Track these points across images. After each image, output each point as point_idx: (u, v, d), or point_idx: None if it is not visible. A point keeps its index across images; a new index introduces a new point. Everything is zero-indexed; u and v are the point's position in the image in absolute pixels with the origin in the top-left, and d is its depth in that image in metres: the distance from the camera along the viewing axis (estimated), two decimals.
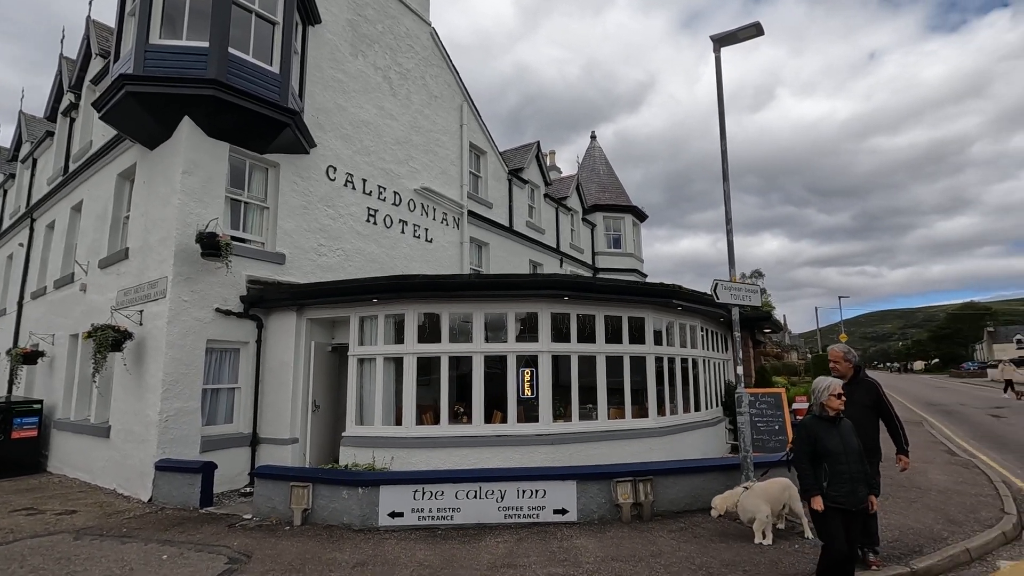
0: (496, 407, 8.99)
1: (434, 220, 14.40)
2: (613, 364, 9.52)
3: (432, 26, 15.27)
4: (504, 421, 8.70)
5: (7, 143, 21.65)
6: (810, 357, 44.12)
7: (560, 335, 9.09)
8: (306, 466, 8.88)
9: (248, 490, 8.60)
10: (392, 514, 6.48)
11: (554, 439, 8.56)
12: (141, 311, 9.05)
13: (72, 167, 12.71)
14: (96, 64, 12.17)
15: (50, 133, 14.78)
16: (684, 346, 10.93)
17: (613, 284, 9.05)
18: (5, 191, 19.29)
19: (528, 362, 8.87)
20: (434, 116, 14.89)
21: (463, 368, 8.92)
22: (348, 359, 9.07)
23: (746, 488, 5.94)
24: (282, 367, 9.43)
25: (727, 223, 7.75)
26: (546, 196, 20.66)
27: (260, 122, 9.54)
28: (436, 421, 8.67)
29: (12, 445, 10.67)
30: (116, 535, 6.55)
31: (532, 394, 8.74)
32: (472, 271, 15.54)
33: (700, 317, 11.55)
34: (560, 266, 20.50)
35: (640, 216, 25.80)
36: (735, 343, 7.44)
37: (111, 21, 10.72)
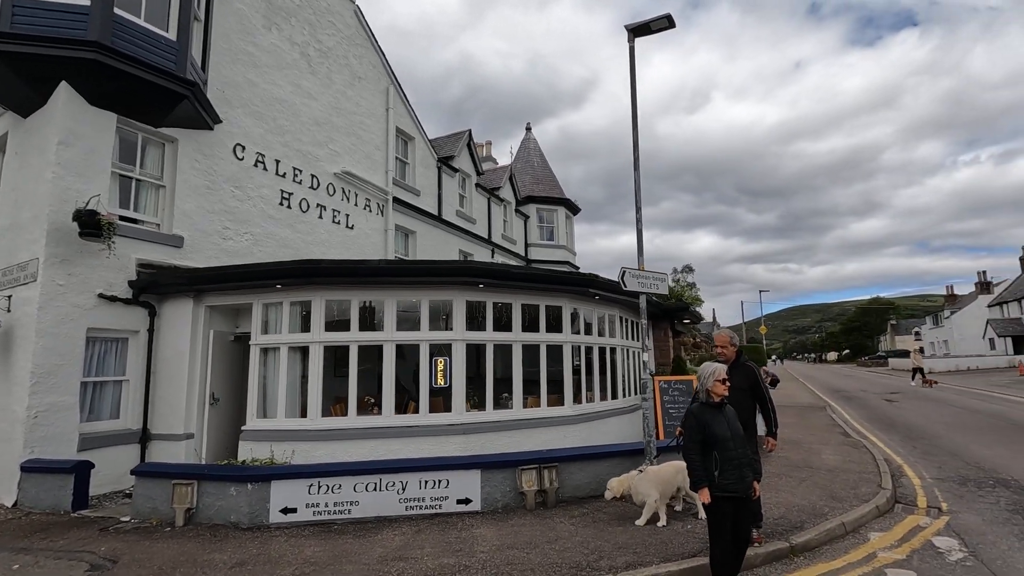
0: (410, 397, 8.76)
1: (356, 206, 13.88)
2: (530, 353, 9.50)
3: (357, 4, 14.66)
4: (417, 411, 8.49)
5: None
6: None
7: (476, 323, 8.96)
8: (202, 463, 8.31)
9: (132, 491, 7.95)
10: (284, 510, 6.14)
11: (467, 428, 8.44)
12: (10, 296, 8.15)
13: None
14: None
15: None
16: (603, 335, 11.08)
17: (530, 272, 9.01)
18: None
19: (442, 351, 8.68)
20: (358, 98, 14.33)
21: (374, 357, 8.61)
22: (250, 349, 8.55)
23: (640, 471, 6.03)
24: (177, 358, 8.76)
25: (636, 211, 7.85)
26: (478, 186, 20.46)
27: (153, 92, 8.77)
28: (346, 413, 8.33)
29: None
30: None
31: (445, 383, 8.56)
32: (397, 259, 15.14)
33: (619, 307, 11.74)
34: (492, 256, 20.38)
35: (573, 209, 26.09)
36: (643, 330, 7.56)
37: None
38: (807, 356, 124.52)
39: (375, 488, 6.31)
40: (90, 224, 7.74)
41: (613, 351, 11.45)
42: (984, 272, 58.24)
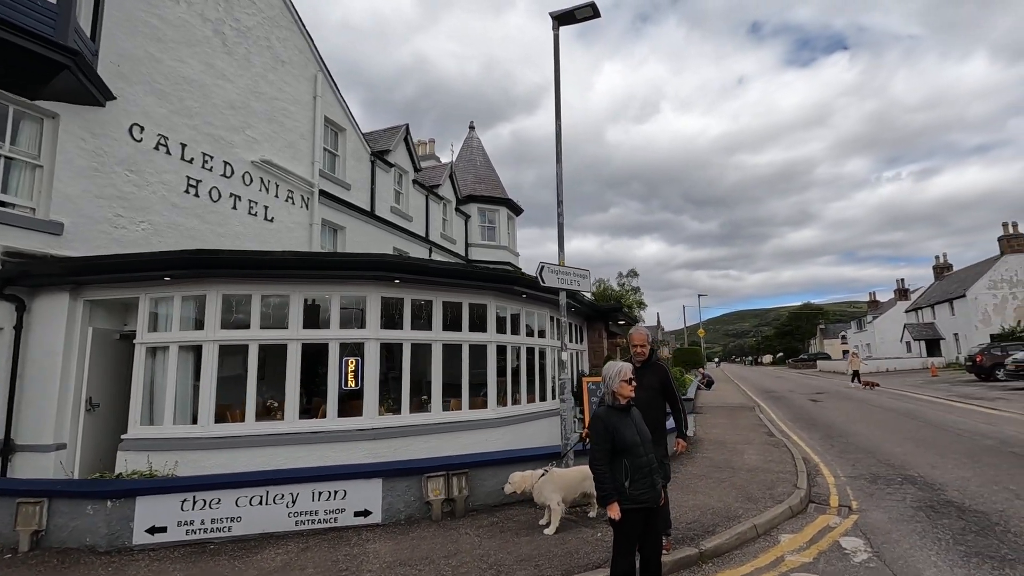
0: (320, 401, 8.12)
1: (277, 198, 13.03)
2: (452, 353, 9.05)
3: None
4: (325, 415, 7.86)
5: None
6: (668, 349, 47.57)
7: (392, 321, 8.42)
8: (71, 477, 7.37)
9: None
10: (152, 530, 5.42)
11: (379, 433, 7.88)
12: None
13: None
14: None
15: None
16: (531, 335, 10.77)
17: (451, 268, 8.57)
18: None
19: (354, 351, 8.09)
20: (281, 83, 13.48)
21: (278, 358, 7.92)
22: (135, 348, 7.69)
23: (545, 472, 5.68)
24: (49, 358, 7.77)
25: (558, 205, 7.56)
26: (415, 182, 19.84)
27: (26, 60, 7.76)
28: (244, 419, 7.60)
29: None
30: None
31: (357, 385, 7.97)
32: None
33: (550, 306, 11.46)
34: (429, 255, 19.78)
35: (516, 209, 25.83)
36: (562, 328, 7.25)
37: None
38: (744, 359, 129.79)
39: (261, 502, 5.68)
40: None
41: (543, 352, 11.15)
42: (902, 280, 62.38)
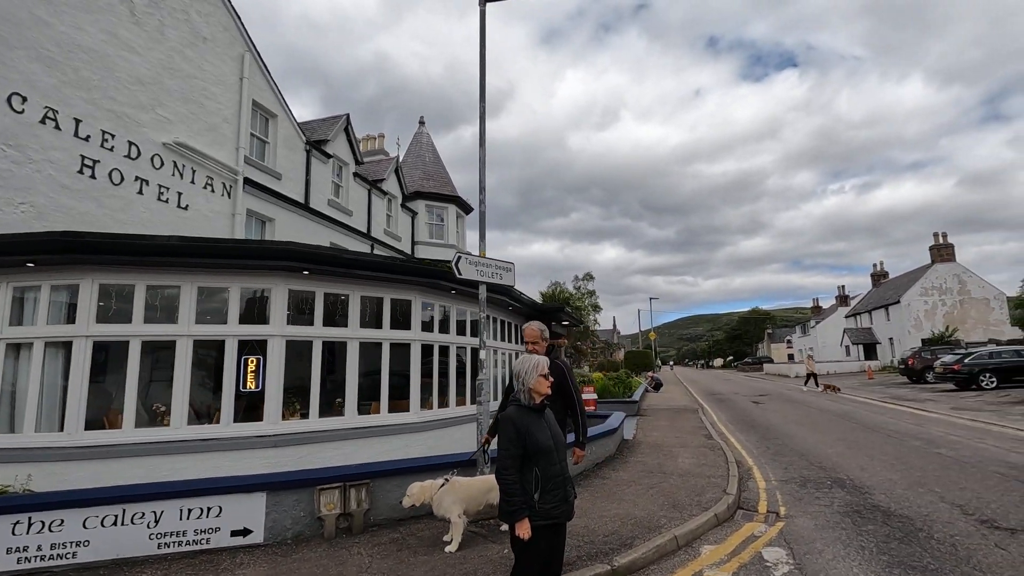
0: (217, 405, 7.30)
1: (193, 184, 12.00)
2: (372, 353, 8.38)
3: None
4: (220, 421, 7.05)
5: None
6: (623, 352, 47.83)
7: (301, 317, 7.69)
8: None
9: None
10: None
11: (281, 440, 7.13)
12: None
13: None
14: None
15: None
16: (463, 333, 10.20)
17: (370, 259, 7.91)
18: None
19: (256, 349, 7.32)
20: (201, 61, 12.46)
21: (166, 356, 7.07)
22: None
23: (446, 482, 5.11)
24: None
25: (480, 192, 7.03)
26: (357, 176, 18.97)
27: None
28: (122, 425, 6.71)
29: None
30: None
31: (257, 387, 7.20)
32: None
33: (488, 305, 10.94)
34: (371, 252, 18.93)
35: (465, 208, 25.22)
36: (480, 326, 6.70)
37: None
38: (696, 362, 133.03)
39: (116, 522, 4.88)
40: None
41: (475, 351, 10.58)
42: (843, 287, 65.03)
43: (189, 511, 5.06)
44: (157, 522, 4.97)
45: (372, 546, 5.22)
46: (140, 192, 10.75)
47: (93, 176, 9.85)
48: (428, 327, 9.18)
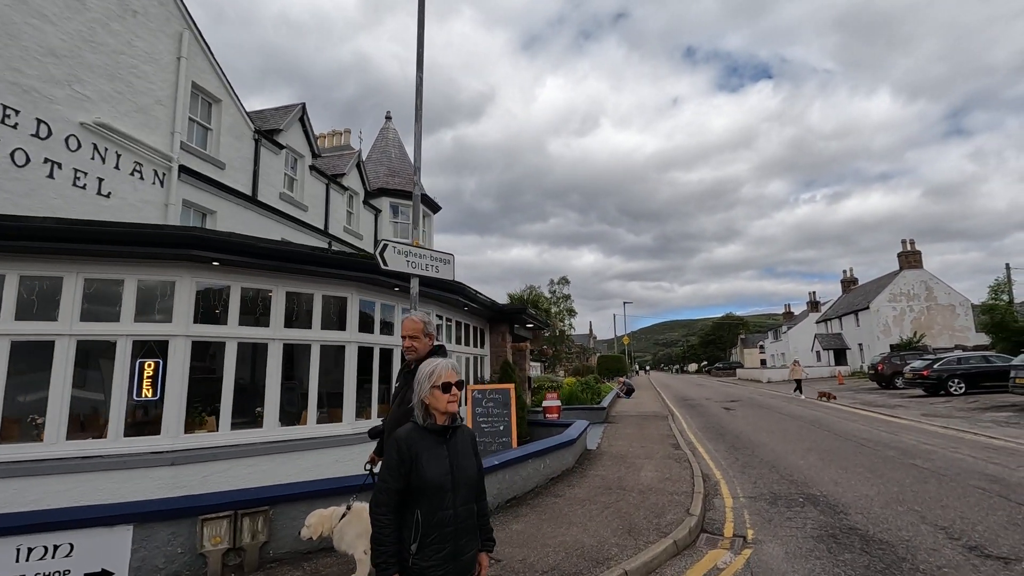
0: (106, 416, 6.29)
1: (118, 169, 10.89)
2: (299, 356, 7.46)
3: None
4: (108, 435, 6.05)
5: None
6: (597, 356, 47.32)
7: (211, 315, 6.74)
8: None
9: None
10: None
11: (183, 457, 6.17)
12: None
13: None
14: None
15: None
16: None
17: (295, 250, 7.00)
18: None
19: (155, 351, 6.34)
20: (130, 36, 11.37)
21: (41, 359, 6.05)
22: None
23: (348, 509, 4.25)
24: None
25: (415, 172, 6.21)
26: (314, 169, 17.94)
27: None
28: None
29: None
30: None
31: (154, 395, 6.23)
32: None
33: (438, 304, 10.10)
34: (328, 248, 17.88)
35: (433, 207, 24.32)
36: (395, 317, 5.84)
37: None
38: (671, 367, 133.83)
39: None
40: None
41: None
42: (814, 292, 65.83)
43: (29, 551, 4.09)
44: None
45: None
46: (51, 176, 9.62)
47: None
48: (367, 327, 8.29)
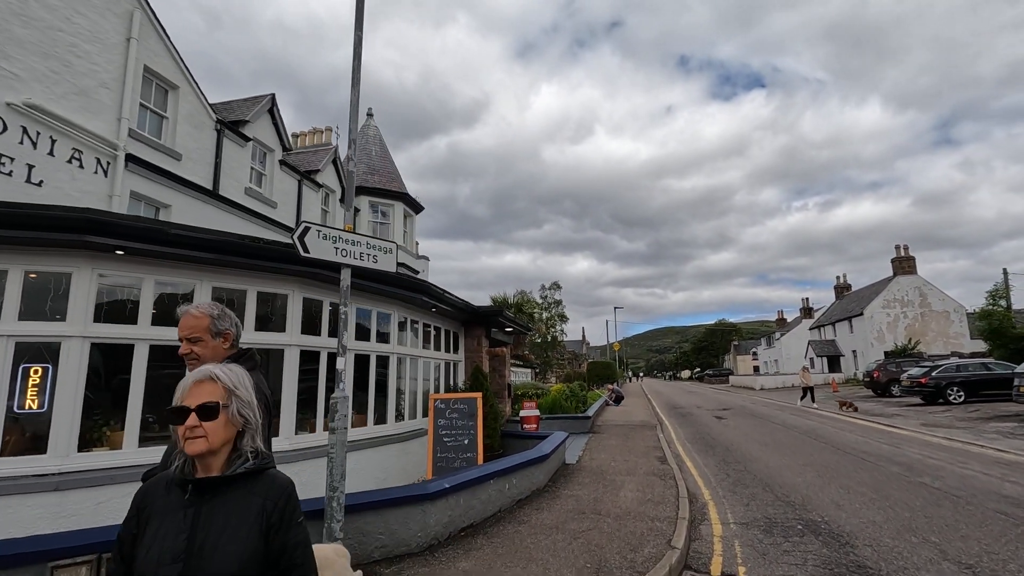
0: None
1: (52, 156, 9.94)
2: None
3: None
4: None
5: None
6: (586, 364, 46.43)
7: (117, 314, 5.80)
8: None
9: None
10: None
11: (72, 481, 5.20)
12: None
13: None
14: None
15: None
16: (367, 339, 8.40)
17: (223, 240, 6.06)
18: None
19: (45, 355, 5.40)
20: (69, 12, 10.45)
21: None
22: None
23: None
24: None
25: (350, 145, 5.32)
26: (285, 164, 17.02)
27: None
28: None
29: None
30: None
31: (41, 407, 5.28)
32: None
33: (401, 304, 9.20)
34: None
35: (415, 206, 23.42)
36: (341, 326, 4.94)
37: None
38: (664, 374, 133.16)
39: None
40: None
41: (400, 360, 8.82)
42: (807, 299, 65.32)
43: None
44: None
45: None
46: None
47: None
48: (312, 329, 7.37)
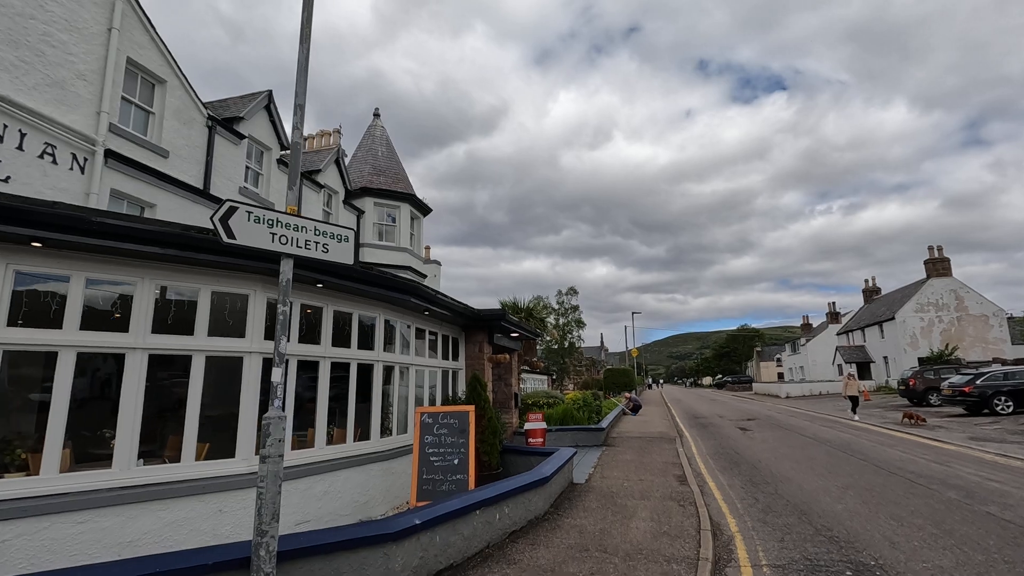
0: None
1: (21, 151, 9.32)
2: (178, 369, 5.71)
3: None
4: None
5: None
6: (603, 371, 45.08)
7: (40, 316, 5.00)
8: None
9: None
10: None
11: None
12: None
13: None
14: None
15: None
16: (346, 345, 7.53)
17: (166, 232, 5.24)
18: None
19: None
20: (43, 0, 9.88)
21: None
22: None
23: None
24: None
25: (295, 111, 4.46)
26: (282, 163, 16.37)
27: None
28: None
29: None
30: None
31: None
32: None
33: (387, 306, 8.33)
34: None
35: (422, 208, 22.66)
36: (280, 328, 4.06)
37: None
38: (685, 381, 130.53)
39: None
40: None
41: (368, 369, 7.93)
42: (833, 303, 63.02)
43: None
44: None
45: None
46: None
47: None
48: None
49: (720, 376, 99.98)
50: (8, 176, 9.07)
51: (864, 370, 45.41)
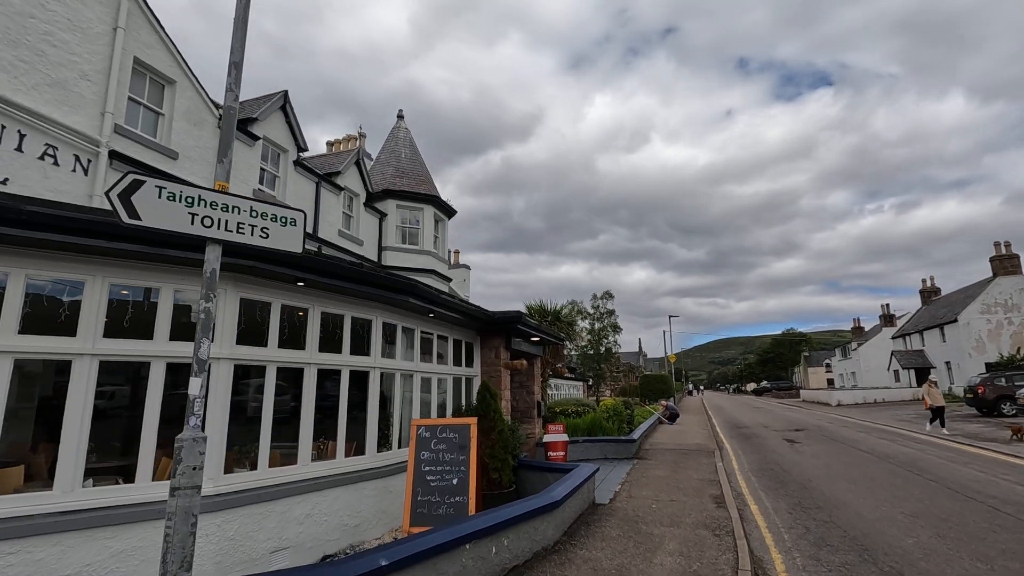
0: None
1: (21, 152, 9.10)
2: (132, 377, 5.12)
3: None
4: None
5: None
6: (639, 377, 43.41)
7: None
8: None
9: None
10: None
11: None
12: None
13: None
14: None
15: None
16: (337, 351, 6.85)
17: (103, 220, 4.65)
18: None
19: None
20: None
21: None
22: None
23: None
24: None
25: (230, 71, 3.76)
26: (300, 165, 16.03)
27: None
28: None
29: None
30: None
31: None
32: None
33: (386, 307, 7.63)
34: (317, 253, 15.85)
35: (446, 211, 22.09)
36: (200, 328, 3.35)
37: None
38: (727, 387, 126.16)
39: None
40: None
41: (362, 377, 7.23)
42: (887, 305, 59.31)
43: None
44: None
45: None
46: None
47: None
48: (257, 338, 5.87)
49: (764, 382, 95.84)
50: (6, 178, 8.84)
51: (922, 376, 42.28)
